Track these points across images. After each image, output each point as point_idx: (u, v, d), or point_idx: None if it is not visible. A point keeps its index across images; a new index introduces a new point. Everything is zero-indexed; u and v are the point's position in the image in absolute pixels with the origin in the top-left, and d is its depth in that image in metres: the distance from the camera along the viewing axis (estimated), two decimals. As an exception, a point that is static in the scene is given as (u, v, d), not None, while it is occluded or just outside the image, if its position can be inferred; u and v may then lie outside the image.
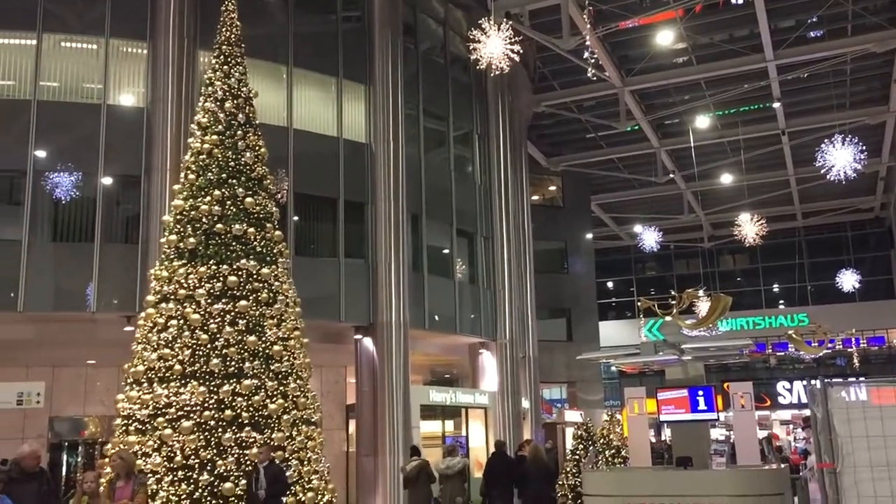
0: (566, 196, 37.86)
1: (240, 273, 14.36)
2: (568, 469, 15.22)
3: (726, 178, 36.64)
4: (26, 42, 18.90)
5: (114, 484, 8.63)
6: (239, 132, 15.31)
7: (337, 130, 21.51)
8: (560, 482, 15.40)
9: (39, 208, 18.42)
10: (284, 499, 12.65)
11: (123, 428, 13.64)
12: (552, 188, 38.23)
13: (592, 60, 22.36)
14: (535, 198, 34.80)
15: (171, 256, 14.60)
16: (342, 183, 21.10)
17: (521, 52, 17.08)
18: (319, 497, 13.88)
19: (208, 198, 14.70)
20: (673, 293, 16.06)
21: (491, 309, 25.09)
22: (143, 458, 13.04)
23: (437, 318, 22.87)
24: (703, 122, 31.90)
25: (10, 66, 19.19)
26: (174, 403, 13.31)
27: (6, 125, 18.50)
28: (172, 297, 14.15)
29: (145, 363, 13.84)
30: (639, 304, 18.53)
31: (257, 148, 15.56)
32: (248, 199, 14.92)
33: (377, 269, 20.90)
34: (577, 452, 15.30)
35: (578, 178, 37.51)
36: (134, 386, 13.85)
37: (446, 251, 24.31)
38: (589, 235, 38.74)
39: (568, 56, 25.03)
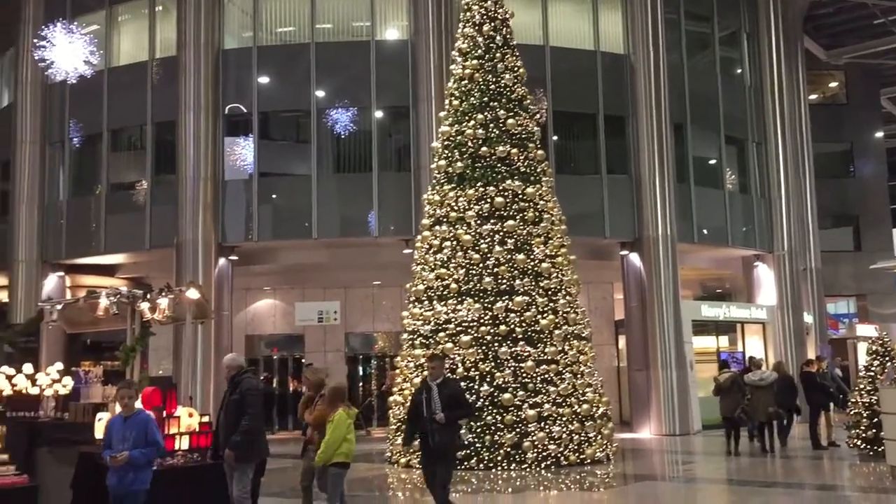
0: (850, 92, 34.05)
1: (506, 193, 14.79)
2: (862, 386, 14.13)
3: None
4: (302, -12, 20.42)
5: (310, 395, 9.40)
6: (497, 55, 15.55)
7: (594, 44, 21.01)
8: (853, 399, 14.39)
9: (323, 144, 20.12)
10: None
11: (410, 342, 14.83)
12: (833, 84, 34.55)
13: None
14: (813, 96, 31.69)
15: (442, 181, 15.36)
16: (601, 97, 20.68)
17: (796, -67, 15.42)
18: (595, 409, 14.19)
19: (472, 122, 15.20)
20: None
21: (766, 219, 23.57)
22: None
23: (705, 231, 21.96)
24: None
25: (290, 13, 20.87)
26: (453, 319, 14.20)
27: (291, 69, 20.27)
28: (445, 219, 14.94)
29: (424, 283, 14.84)
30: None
31: (516, 69, 15.72)
32: (510, 121, 15.21)
33: (641, 184, 20.40)
34: (873, 369, 14.12)
35: (865, 71, 33.51)
36: (416, 304, 14.94)
37: (714, 160, 23.09)
38: (879, 134, 34.70)
39: (851, -69, 22.15)
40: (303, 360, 23.17)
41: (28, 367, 11.74)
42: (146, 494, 7.08)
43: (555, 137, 20.16)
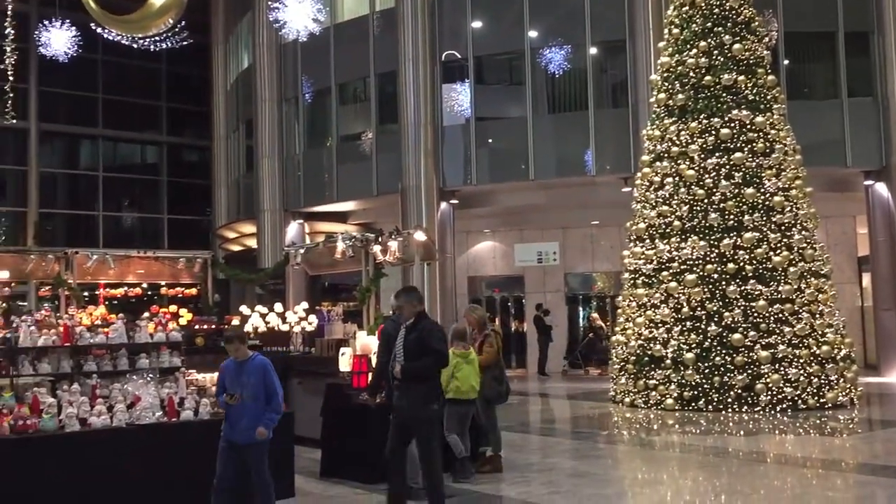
0: None
1: (732, 124, 14.00)
2: None
3: None
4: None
5: (473, 334, 9.11)
6: (722, -25, 14.59)
7: (831, -48, 19.09)
8: None
9: (538, 84, 20.02)
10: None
11: (631, 282, 14.61)
12: None
13: None
14: None
15: (662, 115, 14.80)
16: (841, 13, 18.78)
17: None
18: (836, 351, 13.29)
19: (694, 50, 14.45)
20: None
21: None
22: (652, 310, 13.86)
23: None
24: None
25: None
26: (676, 258, 13.78)
27: (504, 11, 20.24)
28: (666, 155, 14.43)
29: (645, 221, 14.49)
30: None
31: (742, -11, 14.67)
32: (736, 46, 14.30)
33: (889, 106, 18.42)
34: None
35: None
36: (637, 242, 14.65)
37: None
38: None
39: None
40: (523, 301, 23.58)
41: (278, 307, 12.90)
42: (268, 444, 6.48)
43: (786, 61, 18.68)
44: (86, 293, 12.20)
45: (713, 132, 13.99)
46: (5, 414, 6.69)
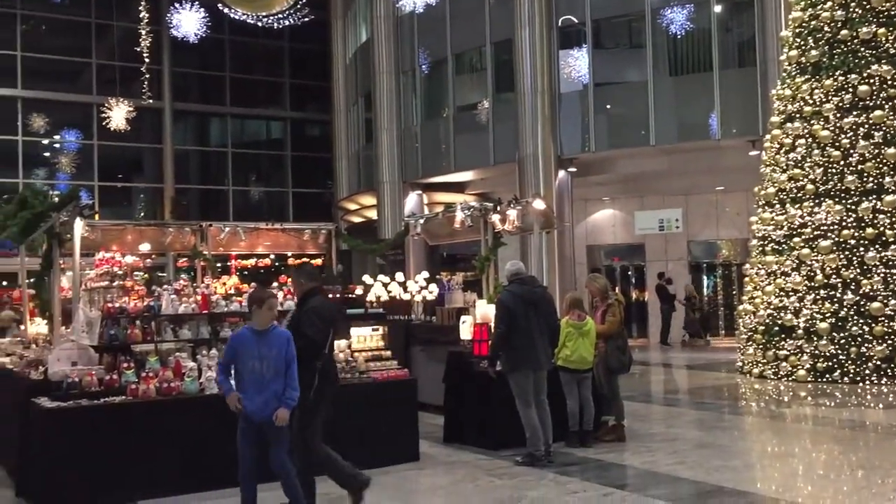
0: None
1: (871, 81, 13.19)
2: None
3: None
4: None
5: (594, 303, 8.89)
6: (858, -80, 13.64)
7: None
8: None
9: (659, 47, 19.40)
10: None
11: (760, 248, 14.07)
12: None
13: None
14: None
15: (793, 73, 14.10)
16: None
17: None
18: None
19: (829, 3, 13.66)
20: None
21: None
22: (783, 277, 13.31)
23: None
24: None
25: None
26: (809, 223, 13.17)
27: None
28: (798, 115, 13.75)
29: (775, 185, 13.88)
30: None
31: (882, -66, 13.68)
32: (876, -4, 13.38)
33: None
34: None
35: None
36: (766, 208, 14.07)
37: None
38: None
39: None
40: (644, 269, 23.11)
41: (400, 276, 13.15)
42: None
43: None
44: (219, 264, 12.77)
45: (850, 90, 13.21)
46: (151, 377, 7.14)
